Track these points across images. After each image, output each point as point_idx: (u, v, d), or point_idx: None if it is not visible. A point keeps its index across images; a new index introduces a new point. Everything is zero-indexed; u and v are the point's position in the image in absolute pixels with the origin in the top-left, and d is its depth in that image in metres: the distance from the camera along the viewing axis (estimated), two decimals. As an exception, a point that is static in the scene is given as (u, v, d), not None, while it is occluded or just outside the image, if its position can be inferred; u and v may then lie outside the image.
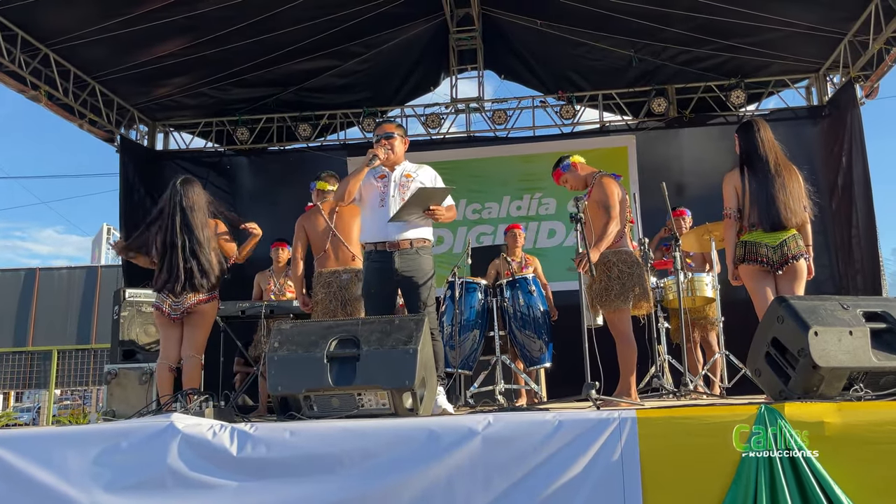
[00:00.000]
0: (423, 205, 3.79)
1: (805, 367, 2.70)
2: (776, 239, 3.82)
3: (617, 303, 4.12)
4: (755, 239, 3.85)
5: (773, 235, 3.83)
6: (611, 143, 8.35)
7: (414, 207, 3.79)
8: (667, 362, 5.18)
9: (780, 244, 3.81)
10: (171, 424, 2.64)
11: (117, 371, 5.70)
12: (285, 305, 5.72)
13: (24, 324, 12.50)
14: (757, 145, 3.94)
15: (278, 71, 8.01)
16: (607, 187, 4.24)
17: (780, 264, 3.80)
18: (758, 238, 3.85)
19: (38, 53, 6.83)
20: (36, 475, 2.59)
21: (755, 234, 3.86)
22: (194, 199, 4.25)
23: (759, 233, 3.85)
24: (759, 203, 3.85)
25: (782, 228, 3.82)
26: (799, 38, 7.23)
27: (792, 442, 2.36)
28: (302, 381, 2.92)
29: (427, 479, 2.47)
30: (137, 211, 8.15)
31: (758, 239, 3.85)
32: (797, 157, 4.14)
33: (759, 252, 3.82)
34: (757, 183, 3.88)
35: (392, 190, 3.94)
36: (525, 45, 8.34)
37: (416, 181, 4.00)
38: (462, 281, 5.23)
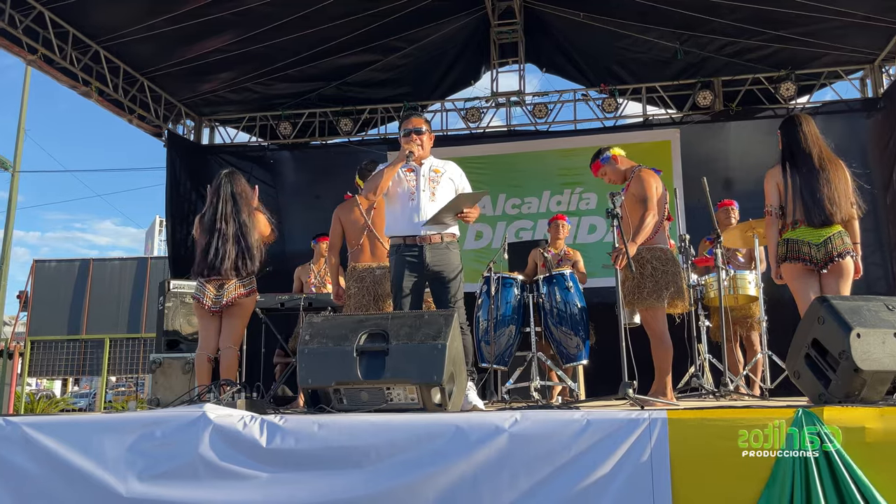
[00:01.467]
0: (459, 209, 3.82)
1: (846, 369, 2.61)
2: (820, 236, 3.70)
3: (650, 301, 4.03)
4: (798, 237, 3.73)
5: (817, 233, 3.70)
6: (654, 136, 8.18)
7: (451, 211, 3.81)
8: (707, 361, 5.06)
9: (825, 241, 3.69)
10: (204, 415, 2.70)
11: (161, 360, 5.86)
12: (323, 298, 5.78)
13: (78, 313, 12.92)
14: (799, 140, 3.82)
15: (320, 66, 8.08)
16: (646, 180, 4.16)
17: (824, 262, 3.68)
18: (800, 236, 3.73)
19: (88, 50, 7.03)
20: (75, 461, 2.68)
21: (798, 232, 3.74)
22: (242, 189, 4.39)
23: (802, 230, 3.73)
24: (801, 199, 3.73)
25: (826, 225, 3.70)
26: (853, 28, 6.97)
27: (829, 446, 2.28)
28: (332, 374, 2.95)
29: (453, 475, 2.47)
30: (184, 204, 8.35)
31: (801, 237, 3.73)
32: (850, 151, 4.02)
33: (802, 250, 3.70)
34: (799, 178, 3.76)
35: (422, 184, 3.94)
36: (567, 38, 8.24)
37: (444, 176, 4.01)
38: (498, 276, 5.20)
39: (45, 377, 15.90)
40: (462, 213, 3.83)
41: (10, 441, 2.75)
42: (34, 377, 14.08)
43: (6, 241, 12.01)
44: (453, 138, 8.71)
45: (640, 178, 4.18)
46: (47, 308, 12.80)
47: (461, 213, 3.83)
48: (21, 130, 12.61)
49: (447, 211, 3.79)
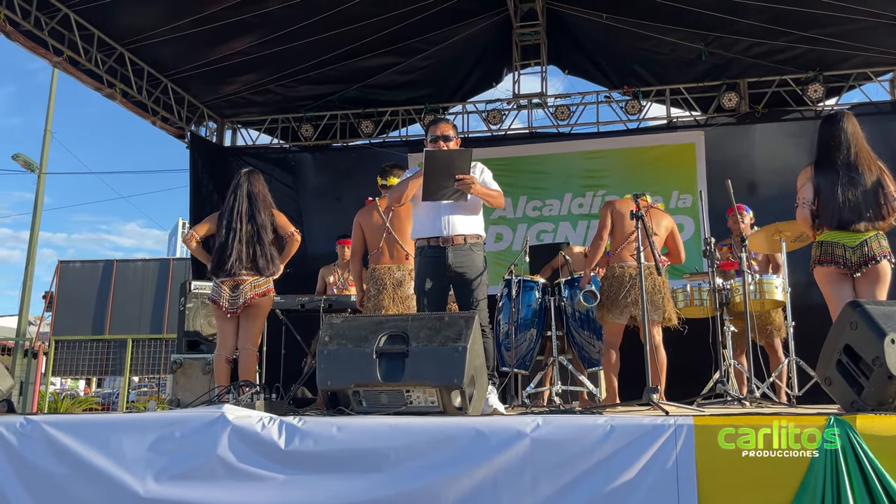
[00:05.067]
0: (445, 173, 3.65)
1: (880, 376, 2.53)
2: (855, 239, 3.59)
3: (608, 317, 4.54)
4: (832, 239, 3.63)
5: (852, 235, 3.59)
6: (678, 139, 8.07)
7: (436, 178, 3.65)
8: (732, 367, 4.97)
9: (861, 244, 3.58)
10: (223, 416, 2.68)
11: (182, 361, 5.89)
12: (343, 300, 5.76)
13: (102, 313, 13.07)
14: (838, 138, 3.71)
15: (342, 68, 8.09)
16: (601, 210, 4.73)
17: (858, 266, 3.58)
18: (835, 238, 3.62)
19: (113, 52, 7.10)
20: (94, 460, 2.68)
21: (832, 234, 3.64)
22: (259, 189, 4.39)
23: (837, 232, 3.62)
24: (835, 200, 3.63)
25: (862, 227, 3.59)
26: (883, 29, 6.83)
27: (862, 455, 2.21)
28: (351, 375, 2.92)
29: (473, 479, 2.43)
30: (206, 205, 8.38)
31: (835, 239, 3.62)
32: (879, 154, 3.90)
33: (836, 252, 3.60)
34: (835, 178, 3.65)
35: None
36: (590, 40, 8.17)
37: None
38: (519, 279, 5.14)
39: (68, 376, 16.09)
40: (459, 181, 3.63)
41: (31, 439, 2.75)
42: (58, 376, 14.25)
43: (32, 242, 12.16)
44: (474, 140, 8.65)
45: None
46: (71, 308, 12.97)
47: (458, 182, 3.64)
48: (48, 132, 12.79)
49: (430, 177, 3.64)
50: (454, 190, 3.69)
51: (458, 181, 3.64)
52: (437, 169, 3.65)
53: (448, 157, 3.71)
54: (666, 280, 4.56)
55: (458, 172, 3.64)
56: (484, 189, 3.79)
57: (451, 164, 3.66)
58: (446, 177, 3.65)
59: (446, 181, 3.66)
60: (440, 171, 3.65)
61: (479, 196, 3.77)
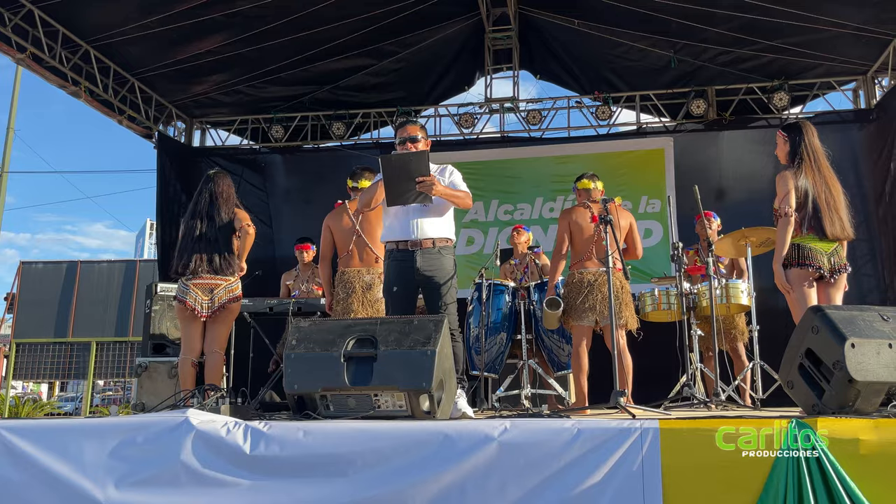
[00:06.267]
0: (405, 176, 3.60)
1: (840, 380, 2.57)
2: (829, 247, 3.72)
3: (571, 322, 4.61)
4: (809, 243, 3.72)
5: (829, 244, 3.73)
6: (647, 144, 8.17)
7: (397, 182, 3.61)
8: (699, 371, 5.03)
9: (832, 253, 3.72)
10: (187, 420, 2.63)
11: (147, 364, 5.78)
12: (313, 303, 5.72)
13: (65, 315, 12.77)
14: (812, 146, 3.82)
15: (314, 69, 8.03)
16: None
17: (831, 273, 3.69)
18: (811, 243, 3.72)
19: (78, 50, 6.97)
20: (52, 466, 2.61)
21: (808, 239, 3.73)
22: (224, 189, 4.36)
23: (814, 239, 3.72)
24: (816, 207, 3.72)
25: (835, 237, 3.73)
26: (846, 39, 6.98)
27: (823, 458, 2.25)
28: (318, 379, 2.89)
29: (440, 484, 2.42)
30: (174, 206, 8.27)
31: (812, 244, 3.71)
32: (842, 163, 4.04)
33: (815, 257, 3.68)
34: (815, 186, 3.75)
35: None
36: (562, 45, 8.23)
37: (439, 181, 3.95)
38: (490, 283, 5.15)
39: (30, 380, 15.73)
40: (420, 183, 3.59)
41: (-13, 445, 2.68)
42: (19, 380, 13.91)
43: (-7, 242, 11.86)
44: (446, 144, 8.66)
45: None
46: (34, 310, 12.65)
47: (420, 184, 3.59)
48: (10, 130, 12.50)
49: (391, 181, 3.61)
50: (417, 193, 3.64)
51: (418, 183, 3.60)
52: (396, 173, 3.61)
53: (404, 159, 3.66)
54: (627, 285, 4.60)
55: (418, 175, 3.60)
56: (448, 190, 3.75)
57: (409, 167, 3.61)
58: (406, 180, 3.60)
59: (407, 184, 3.61)
60: (399, 174, 3.61)
61: (442, 197, 3.73)
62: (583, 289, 4.55)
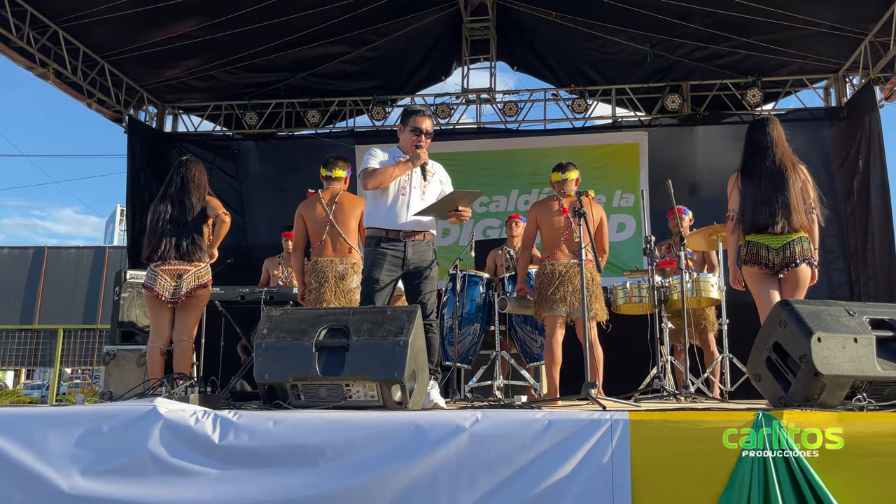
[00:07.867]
0: (453, 205, 3.81)
1: (806, 373, 2.62)
2: (779, 241, 3.71)
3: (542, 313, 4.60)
4: (757, 240, 3.75)
5: (777, 238, 3.72)
6: (623, 138, 8.22)
7: (445, 207, 3.80)
8: (669, 363, 5.08)
9: (784, 247, 3.70)
10: (154, 409, 2.60)
11: (115, 352, 5.68)
12: (285, 293, 5.66)
13: (32, 302, 12.54)
14: (763, 143, 3.84)
15: (289, 56, 7.94)
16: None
17: (780, 267, 3.71)
18: (760, 239, 3.75)
19: (47, 30, 6.80)
20: (15, 455, 2.56)
21: (758, 236, 3.76)
22: (195, 174, 4.32)
23: (762, 234, 3.74)
24: (760, 203, 3.75)
25: (786, 230, 3.71)
26: (819, 38, 7.08)
27: (788, 450, 2.28)
28: (289, 369, 2.87)
29: (411, 474, 2.41)
30: (144, 192, 8.13)
31: (760, 240, 3.74)
32: (812, 159, 4.07)
33: (760, 254, 3.72)
34: (759, 182, 3.78)
35: (415, 181, 3.92)
36: (539, 37, 8.23)
37: (435, 177, 4.03)
38: (464, 274, 5.15)
39: (-5, 367, 15.42)
40: (457, 211, 3.82)
41: (-53, 434, 2.61)
42: (-17, 367, 13.63)
43: (-43, 226, 11.60)
44: (422, 134, 8.62)
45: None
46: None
47: (455, 211, 3.82)
48: (-24, 112, 12.20)
49: (441, 206, 3.79)
50: (448, 215, 3.86)
51: (457, 211, 3.82)
52: (453, 201, 3.82)
53: (466, 195, 3.87)
54: (598, 277, 4.62)
55: (462, 205, 3.83)
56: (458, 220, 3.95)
57: (463, 200, 3.84)
58: (451, 208, 3.83)
59: (447, 210, 3.84)
60: (453, 203, 3.82)
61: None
62: (554, 280, 4.56)
